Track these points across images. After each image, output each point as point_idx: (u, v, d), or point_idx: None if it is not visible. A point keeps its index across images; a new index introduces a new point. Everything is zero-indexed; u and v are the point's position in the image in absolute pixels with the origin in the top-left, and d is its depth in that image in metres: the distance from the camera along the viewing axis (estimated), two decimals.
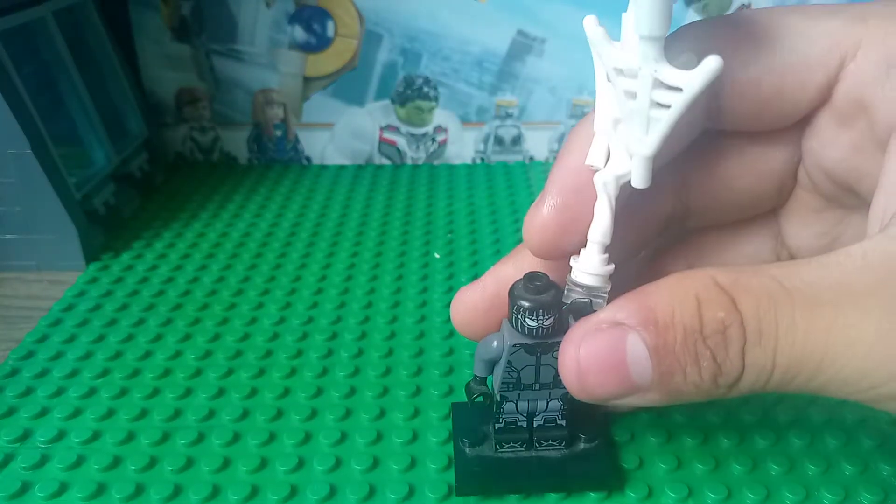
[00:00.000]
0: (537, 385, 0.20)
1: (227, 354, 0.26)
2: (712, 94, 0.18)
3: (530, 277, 0.19)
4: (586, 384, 0.17)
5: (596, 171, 0.18)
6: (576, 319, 0.18)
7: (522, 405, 0.20)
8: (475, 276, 0.32)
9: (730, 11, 0.41)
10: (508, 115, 0.44)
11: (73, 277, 0.32)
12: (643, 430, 0.23)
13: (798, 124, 0.19)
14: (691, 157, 0.20)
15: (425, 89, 0.43)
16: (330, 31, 0.42)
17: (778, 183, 0.20)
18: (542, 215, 0.19)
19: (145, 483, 0.21)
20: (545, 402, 0.20)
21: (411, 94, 0.43)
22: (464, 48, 0.42)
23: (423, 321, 0.29)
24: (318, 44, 0.42)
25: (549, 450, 0.21)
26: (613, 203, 0.18)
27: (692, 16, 0.41)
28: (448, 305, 0.29)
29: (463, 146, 0.45)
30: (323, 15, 0.42)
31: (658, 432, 0.22)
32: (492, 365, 0.20)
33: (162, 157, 0.43)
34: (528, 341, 0.19)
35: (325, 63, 0.43)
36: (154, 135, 0.42)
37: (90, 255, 0.33)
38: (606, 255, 0.18)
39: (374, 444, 0.22)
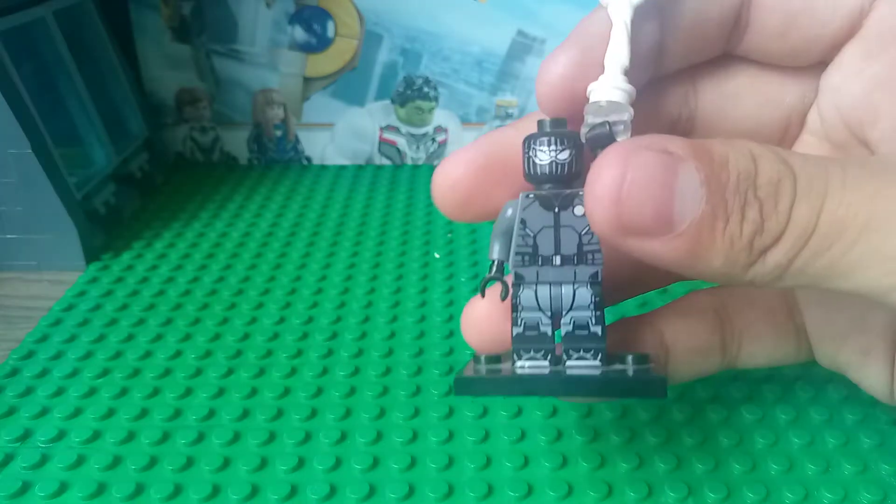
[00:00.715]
0: (558, 258, 0.16)
1: (227, 354, 0.26)
2: (740, 2, 0.17)
3: (545, 122, 0.16)
4: (624, 208, 0.14)
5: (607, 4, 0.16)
6: (597, 148, 0.16)
7: (543, 293, 0.16)
8: (475, 276, 0.32)
9: None
10: (508, 116, 0.44)
11: (74, 277, 0.32)
12: (642, 429, 0.23)
13: (817, 66, 0.18)
14: (704, 73, 0.19)
15: (425, 89, 0.43)
16: (330, 32, 0.42)
17: (785, 121, 0.19)
18: (561, 61, 0.16)
19: (146, 482, 0.21)
20: (571, 290, 0.16)
21: (411, 94, 0.43)
22: (464, 48, 0.42)
23: (423, 321, 0.29)
24: (319, 44, 0.42)
25: (580, 368, 0.16)
26: (629, 28, 0.16)
27: None
28: (448, 305, 0.30)
29: (463, 146, 0.45)
30: (323, 15, 0.42)
31: (658, 431, 0.22)
32: (509, 241, 0.17)
33: (162, 158, 0.43)
34: (543, 191, 0.16)
35: (325, 63, 0.43)
36: (154, 135, 0.42)
37: (90, 255, 0.33)
38: (627, 78, 0.16)
39: (375, 444, 0.22)
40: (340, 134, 0.44)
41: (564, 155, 0.16)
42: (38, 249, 0.32)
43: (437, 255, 0.34)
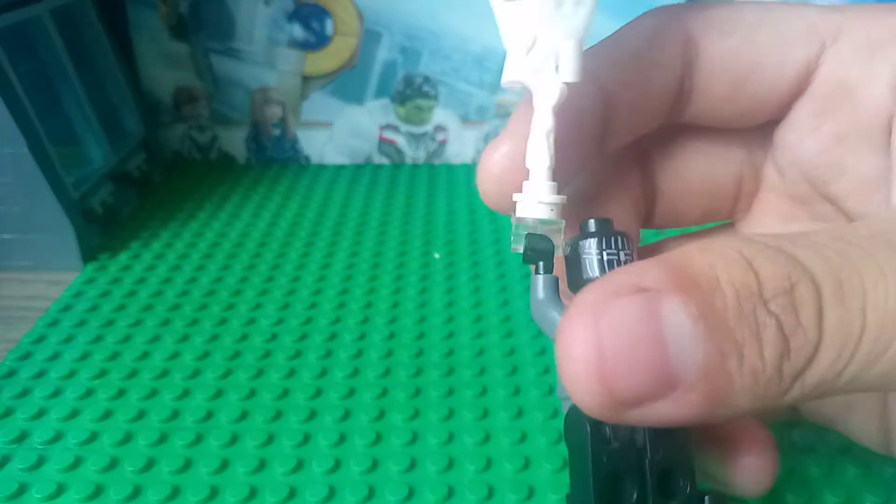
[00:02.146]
0: None
1: (225, 355, 0.26)
2: (686, 69, 0.17)
3: (590, 223, 0.15)
4: (611, 382, 0.11)
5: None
6: (538, 262, 0.14)
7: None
8: (475, 276, 0.32)
9: None
10: (509, 115, 0.44)
11: (71, 277, 0.32)
12: None
13: (768, 124, 0.18)
14: (654, 140, 0.19)
15: (425, 88, 0.43)
16: (329, 30, 0.42)
17: (738, 176, 0.19)
18: (497, 157, 0.16)
19: (143, 484, 0.21)
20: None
21: (411, 93, 0.43)
22: (464, 47, 0.42)
23: (423, 322, 0.28)
24: (317, 42, 0.42)
25: None
26: (551, 121, 0.15)
27: None
28: (448, 305, 0.29)
29: (463, 145, 0.45)
30: (322, 13, 0.41)
31: None
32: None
33: (160, 157, 0.43)
34: None
35: (324, 61, 0.43)
36: (152, 134, 0.42)
37: (87, 255, 0.33)
38: (554, 184, 0.15)
39: (374, 446, 0.22)
40: (339, 133, 0.44)
41: (624, 254, 0.14)
42: (35, 249, 0.32)
43: (436, 256, 0.34)
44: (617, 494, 0.13)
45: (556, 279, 0.15)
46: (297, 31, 0.42)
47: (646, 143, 0.19)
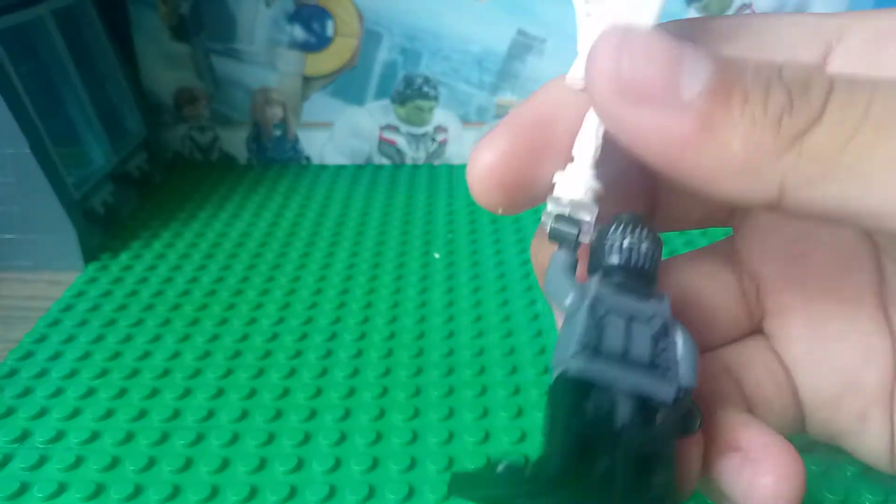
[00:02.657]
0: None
1: (226, 355, 0.26)
2: None
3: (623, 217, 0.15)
4: (624, 68, 0.12)
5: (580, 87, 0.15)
6: (562, 241, 0.15)
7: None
8: (475, 276, 0.32)
9: (730, 11, 0.41)
10: None
11: (72, 277, 0.32)
12: None
13: None
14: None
15: (425, 89, 0.43)
16: (329, 31, 0.42)
17: None
18: (488, 154, 0.15)
19: (144, 484, 0.21)
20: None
21: (411, 93, 0.43)
22: (464, 47, 0.42)
23: (423, 321, 0.29)
24: (318, 43, 0.42)
25: None
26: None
27: (693, 14, 0.41)
28: (448, 306, 0.30)
29: (463, 146, 0.45)
30: (322, 14, 0.42)
31: None
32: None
33: (160, 157, 0.43)
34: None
35: (324, 62, 0.43)
36: (153, 134, 0.42)
37: (89, 255, 0.33)
38: (594, 171, 0.15)
39: (374, 445, 0.22)
40: (340, 133, 0.44)
41: (646, 245, 0.14)
42: (37, 249, 0.32)
43: (437, 256, 0.34)
44: (585, 463, 0.12)
45: (576, 259, 0.15)
46: (298, 31, 0.42)
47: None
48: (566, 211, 0.15)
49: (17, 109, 0.30)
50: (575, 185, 0.15)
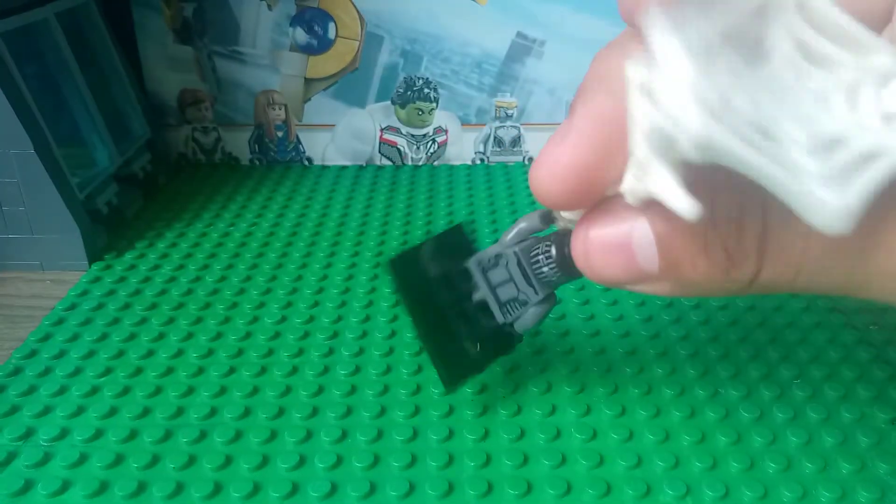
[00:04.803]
0: None
1: (228, 353, 0.27)
2: None
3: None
4: (592, 264, 0.16)
5: None
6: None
7: None
8: None
9: None
10: (508, 117, 0.44)
11: (76, 277, 0.32)
12: (641, 428, 0.23)
13: None
14: None
15: (425, 91, 0.43)
16: (331, 33, 0.42)
17: None
18: (570, 153, 0.15)
19: (147, 481, 0.21)
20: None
21: (411, 95, 0.44)
22: (464, 50, 0.43)
23: None
24: (320, 45, 0.42)
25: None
26: None
27: None
28: None
29: (463, 147, 0.45)
30: (324, 17, 0.42)
31: (656, 430, 0.23)
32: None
33: (164, 158, 0.43)
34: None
35: (326, 64, 0.43)
36: (156, 135, 0.42)
37: (93, 255, 0.33)
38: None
39: (375, 442, 0.22)
40: (341, 135, 0.45)
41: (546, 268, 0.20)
42: (41, 249, 0.32)
43: None
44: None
45: (549, 212, 0.20)
46: (300, 34, 0.42)
47: None
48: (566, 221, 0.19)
49: (21, 111, 0.30)
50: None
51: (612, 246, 0.15)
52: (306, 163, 0.45)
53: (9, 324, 0.29)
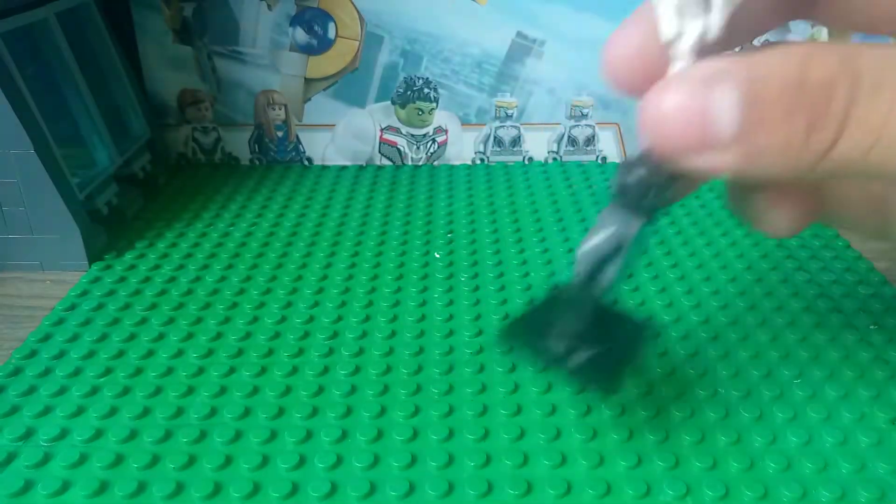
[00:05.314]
0: None
1: (228, 353, 0.27)
2: None
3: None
4: (664, 128, 0.15)
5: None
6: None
7: None
8: (475, 276, 0.32)
9: None
10: (508, 117, 0.44)
11: (76, 277, 0.32)
12: (641, 427, 0.23)
13: None
14: None
15: (425, 91, 0.43)
16: (331, 33, 0.42)
17: None
18: (629, 34, 0.16)
19: (147, 480, 0.21)
20: None
21: (411, 95, 0.44)
22: (464, 50, 0.43)
23: (424, 320, 0.29)
24: (320, 45, 0.42)
25: None
26: None
27: None
28: (448, 305, 0.30)
29: (463, 147, 0.45)
30: (324, 17, 0.42)
31: (656, 430, 0.23)
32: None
33: (164, 158, 0.43)
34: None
35: (326, 64, 0.43)
36: (156, 136, 0.42)
37: (93, 255, 0.33)
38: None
39: (375, 442, 0.22)
40: (341, 135, 0.45)
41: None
42: (41, 249, 0.32)
43: (437, 255, 0.34)
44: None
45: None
46: (300, 34, 0.42)
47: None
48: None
49: (21, 111, 0.30)
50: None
51: (687, 109, 0.15)
52: (306, 163, 0.45)
53: (9, 324, 0.29)
